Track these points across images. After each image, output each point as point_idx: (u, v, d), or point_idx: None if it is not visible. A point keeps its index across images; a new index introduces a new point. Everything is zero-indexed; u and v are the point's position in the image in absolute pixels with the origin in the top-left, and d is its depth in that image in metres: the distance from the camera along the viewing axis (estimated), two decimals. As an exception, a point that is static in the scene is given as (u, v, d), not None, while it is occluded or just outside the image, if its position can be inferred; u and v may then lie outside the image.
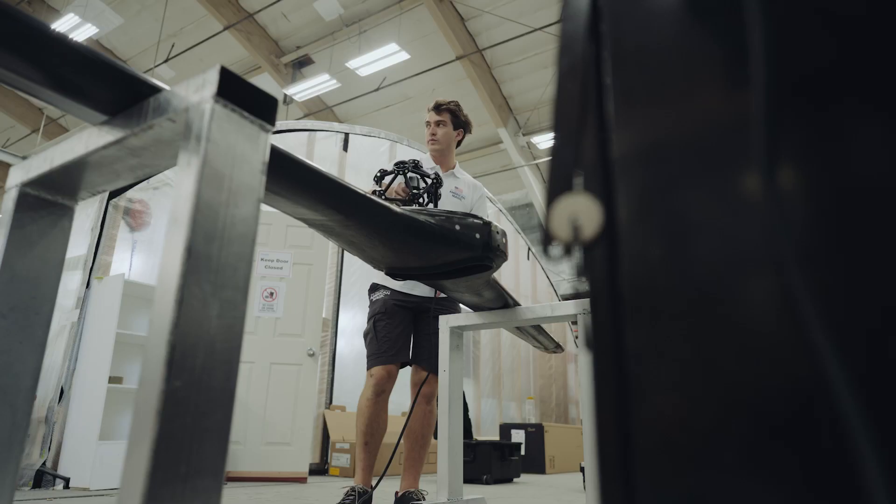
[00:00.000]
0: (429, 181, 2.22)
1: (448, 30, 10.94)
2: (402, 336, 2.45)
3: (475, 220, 1.43)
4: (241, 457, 4.13)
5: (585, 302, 1.53)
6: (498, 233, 1.46)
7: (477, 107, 12.43)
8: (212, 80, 0.76)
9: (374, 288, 2.63)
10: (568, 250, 0.39)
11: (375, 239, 1.35)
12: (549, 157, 0.40)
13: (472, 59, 11.52)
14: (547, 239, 0.39)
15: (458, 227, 1.40)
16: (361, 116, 13.57)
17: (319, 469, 5.05)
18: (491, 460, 4.48)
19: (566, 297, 13.24)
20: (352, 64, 11.42)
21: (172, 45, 12.27)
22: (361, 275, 6.04)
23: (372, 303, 2.59)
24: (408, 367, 2.53)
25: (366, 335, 2.49)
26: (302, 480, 4.18)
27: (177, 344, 0.67)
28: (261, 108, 0.80)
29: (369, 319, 2.53)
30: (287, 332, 4.43)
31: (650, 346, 0.36)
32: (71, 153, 0.93)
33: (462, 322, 2.16)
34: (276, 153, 0.97)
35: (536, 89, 12.03)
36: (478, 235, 1.42)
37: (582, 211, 0.37)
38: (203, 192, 0.72)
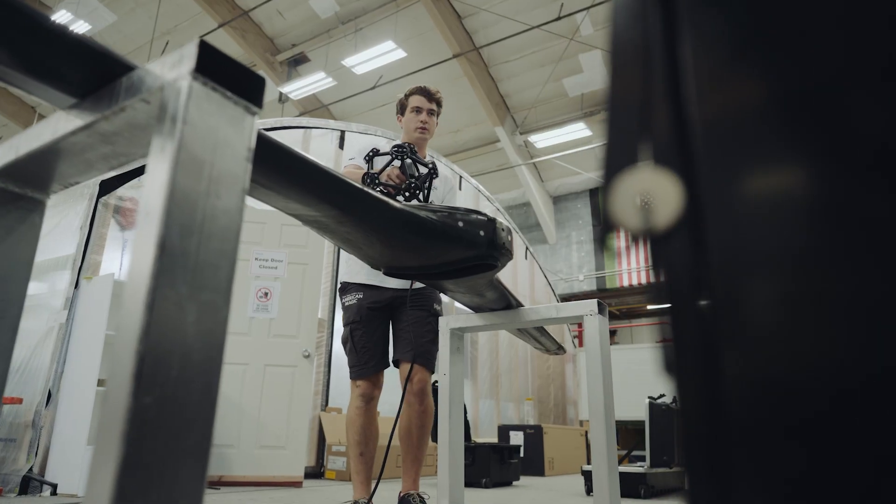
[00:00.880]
0: (424, 170, 2.13)
1: (445, 27, 10.85)
2: (380, 341, 2.38)
3: (479, 217, 1.35)
4: (235, 460, 4.04)
5: (591, 304, 1.44)
6: (503, 230, 1.38)
7: (474, 105, 12.35)
8: (189, 55, 0.68)
9: (345, 289, 2.49)
10: (635, 239, 0.31)
11: (373, 236, 1.27)
12: (607, 132, 0.32)
13: (469, 57, 11.44)
14: (607, 227, 0.31)
15: (461, 224, 1.31)
16: (358, 115, 13.47)
17: (315, 472, 4.96)
18: (490, 463, 4.40)
19: (564, 298, 13.17)
20: (348, 62, 11.33)
21: (167, 43, 12.15)
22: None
23: (345, 308, 2.47)
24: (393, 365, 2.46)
25: (344, 342, 2.41)
26: (297, 485, 4.09)
27: (147, 354, 0.59)
28: (246, 87, 0.72)
29: (345, 325, 2.44)
30: (282, 333, 4.34)
31: (748, 349, 0.30)
32: (38, 140, 0.84)
33: (463, 324, 2.08)
34: (264, 141, 0.89)
35: (533, 88, 11.96)
36: (482, 233, 1.34)
37: (654, 192, 0.29)
38: (179, 180, 0.63)
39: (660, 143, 0.31)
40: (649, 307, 15.19)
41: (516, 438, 6.07)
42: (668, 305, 0.32)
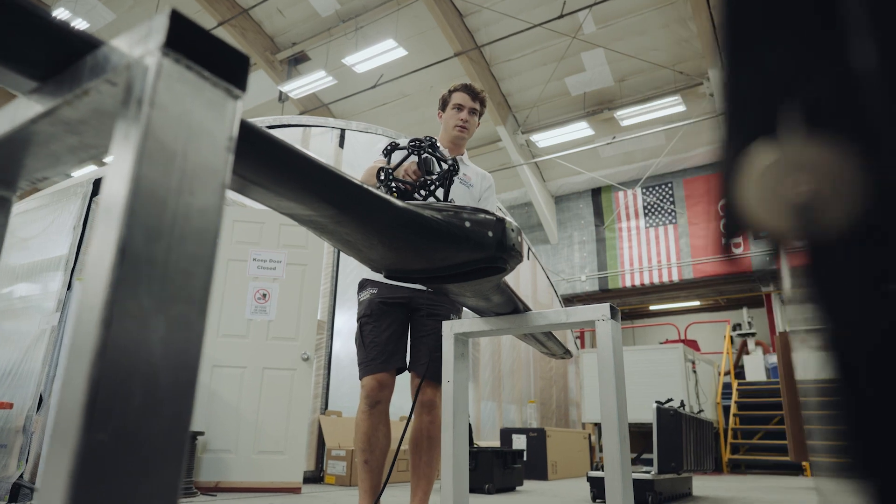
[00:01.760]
0: (444, 166, 2.03)
1: (446, 26, 10.76)
2: (392, 339, 2.22)
3: (487, 216, 1.26)
4: (232, 466, 3.95)
5: (604, 308, 1.32)
6: (513, 230, 1.29)
7: (475, 104, 12.24)
8: (159, 28, 0.59)
9: (362, 286, 2.40)
10: (776, 244, 0.22)
11: (374, 237, 1.18)
12: (727, 89, 0.23)
13: (471, 56, 11.34)
14: (734, 228, 0.22)
15: (468, 224, 1.22)
16: (358, 114, 13.38)
17: (314, 477, 4.87)
18: (493, 468, 4.31)
19: (566, 298, 13.08)
20: (348, 60, 11.23)
21: (166, 42, 12.06)
22: (358, 275, 5.86)
23: (359, 303, 2.37)
24: (407, 371, 2.33)
25: (356, 340, 2.29)
26: (296, 490, 4.00)
27: (102, 380, 0.50)
28: (227, 66, 0.62)
29: (357, 321, 2.33)
30: (280, 336, 4.25)
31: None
32: (-5, 130, 0.75)
33: (467, 328, 1.98)
34: (251, 131, 0.80)
35: (535, 87, 11.87)
36: (490, 233, 1.24)
37: (817, 175, 0.20)
38: (145, 173, 0.54)
39: (823, 100, 0.21)
40: (651, 307, 15.09)
41: (519, 442, 5.97)
42: (842, 343, 0.23)
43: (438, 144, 2.08)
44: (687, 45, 10.77)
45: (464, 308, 2.22)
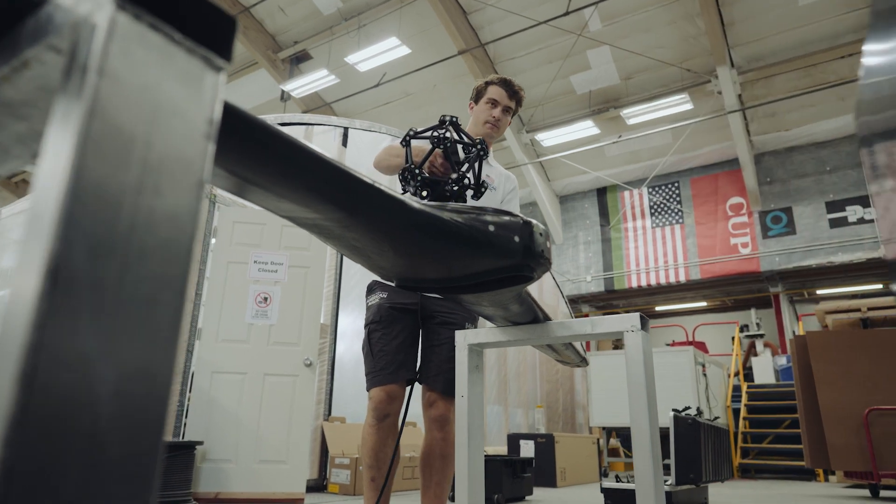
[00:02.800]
0: (472, 151, 1.85)
1: (450, 23, 10.62)
2: (402, 348, 2.05)
3: (512, 219, 1.12)
4: (233, 476, 3.81)
5: (633, 318, 1.13)
6: (541, 234, 1.15)
7: (479, 103, 12.10)
8: (114, -27, 0.44)
9: (371, 289, 2.24)
10: None
11: (385, 243, 1.04)
12: None
13: (475, 54, 11.20)
14: None
15: (491, 228, 1.08)
16: (361, 113, 13.24)
17: (317, 486, 4.73)
18: (502, 478, 4.17)
19: (571, 299, 12.92)
20: (351, 59, 11.10)
21: (166, 41, 11.95)
22: (362, 277, 5.72)
23: (367, 308, 2.21)
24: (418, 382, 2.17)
25: (363, 348, 2.15)
26: (299, 502, 3.86)
27: (22, 453, 0.36)
28: (206, 28, 0.49)
29: (365, 328, 2.17)
30: (282, 341, 4.12)
31: None
32: (-76, 117, 0.61)
33: (483, 339, 1.84)
34: (240, 118, 0.66)
35: (540, 85, 11.72)
36: (517, 238, 1.10)
37: None
38: (90, 166, 0.40)
39: None
40: (658, 308, 14.92)
41: (527, 448, 5.83)
42: None
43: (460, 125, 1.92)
44: (694, 43, 10.61)
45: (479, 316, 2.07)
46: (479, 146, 1.86)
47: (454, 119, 1.90)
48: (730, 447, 4.49)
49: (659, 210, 13.05)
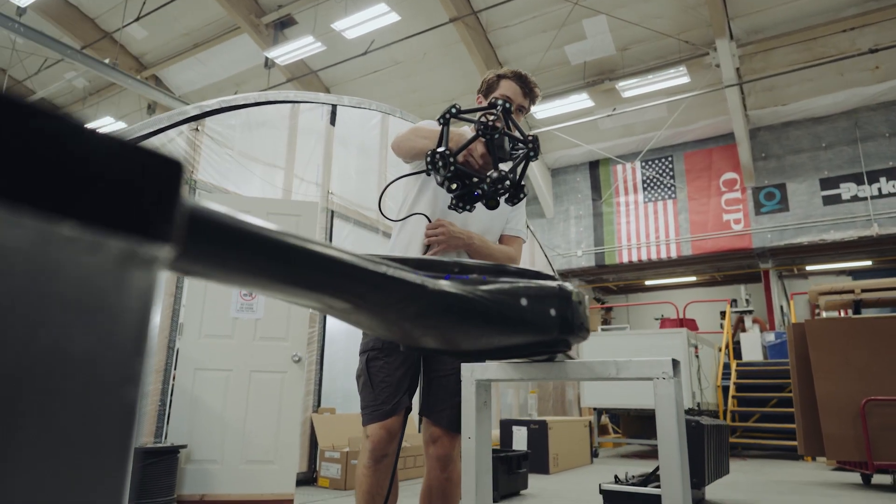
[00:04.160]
0: (521, 149, 1.62)
1: (441, -11, 10.18)
2: (405, 378, 1.83)
3: (548, 286, 0.92)
4: (219, 478, 3.66)
5: (664, 363, 0.86)
6: (580, 302, 0.96)
7: (470, 73, 11.74)
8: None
9: None
10: None
11: (396, 326, 0.84)
12: None
13: (467, 22, 10.79)
14: None
15: (524, 302, 0.89)
16: (349, 82, 12.82)
17: (307, 479, 4.61)
18: (498, 474, 4.07)
19: (561, 273, 12.83)
20: (338, 25, 10.64)
21: (144, 3, 11.36)
22: (351, 263, 5.51)
23: (364, 334, 1.92)
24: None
25: (358, 377, 1.90)
26: (288, 502, 3.73)
27: None
28: (129, 213, 0.26)
29: (361, 354, 1.90)
30: (269, 336, 3.93)
31: None
32: None
33: (492, 374, 1.66)
34: (212, 225, 0.46)
35: (534, 54, 11.36)
36: (553, 311, 0.91)
37: None
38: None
39: None
40: (647, 282, 14.90)
41: (520, 434, 5.76)
42: None
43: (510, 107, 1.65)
44: (693, 13, 10.28)
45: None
46: (531, 144, 1.62)
47: (508, 106, 1.64)
48: (728, 441, 4.43)
49: (652, 185, 12.88)
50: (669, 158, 12.79)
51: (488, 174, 1.61)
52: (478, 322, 0.86)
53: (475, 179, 1.65)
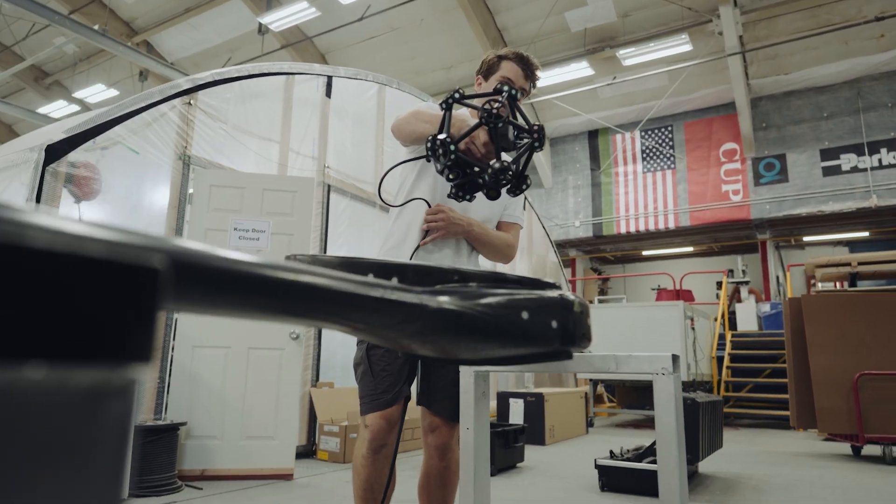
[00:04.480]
0: (524, 139, 1.57)
1: (439, -47, 9.91)
2: (405, 366, 1.81)
3: (550, 298, 0.90)
4: (219, 453, 3.70)
5: (664, 359, 0.86)
6: (582, 312, 0.93)
7: (469, 40, 11.52)
8: None
9: None
10: None
11: (394, 342, 0.82)
12: None
13: (465, -13, 10.53)
14: None
15: (525, 316, 0.86)
16: (344, 48, 12.57)
17: (307, 452, 4.67)
18: (495, 448, 4.12)
19: (559, 244, 12.82)
20: (333, -10, 10.39)
21: (132, -34, 11.04)
22: (347, 239, 5.49)
23: None
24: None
25: (356, 365, 1.87)
26: (287, 477, 3.78)
27: None
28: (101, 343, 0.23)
29: (360, 343, 1.87)
30: (266, 313, 3.92)
31: None
32: None
33: (490, 366, 1.66)
34: (204, 270, 0.43)
35: (534, 21, 11.13)
36: (555, 323, 0.89)
37: None
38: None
39: None
40: (643, 253, 14.93)
41: (516, 407, 5.82)
42: None
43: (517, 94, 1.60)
44: (697, -22, 10.05)
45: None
46: (536, 134, 1.57)
47: (514, 92, 1.58)
48: (723, 415, 4.48)
49: (651, 155, 12.78)
50: (669, 128, 12.66)
51: (490, 164, 1.57)
52: (478, 337, 0.85)
53: (476, 169, 1.61)
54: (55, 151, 3.23)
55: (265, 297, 0.59)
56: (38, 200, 3.20)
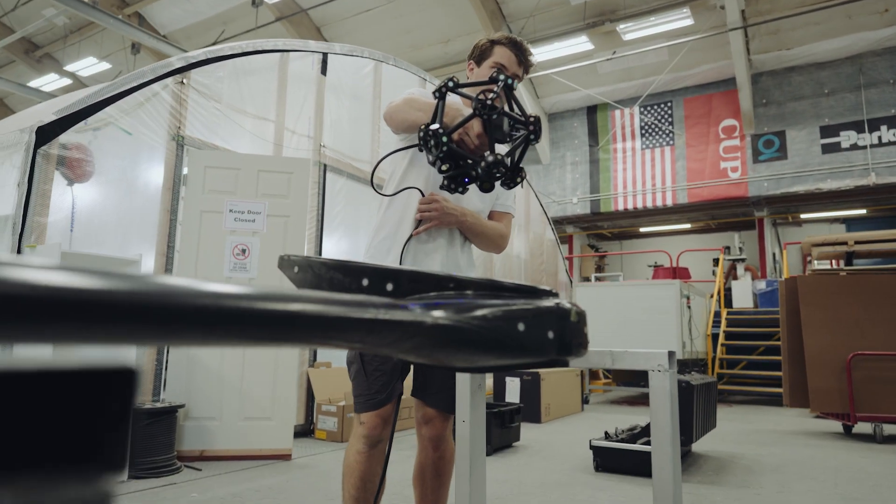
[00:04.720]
0: (520, 131, 1.54)
1: (436, -78, 9.67)
2: (398, 365, 1.78)
3: (545, 307, 0.89)
4: (217, 434, 3.74)
5: (660, 355, 0.87)
6: (578, 320, 0.92)
7: (466, 14, 11.32)
8: None
9: None
10: None
11: (391, 355, 0.82)
12: None
13: (463, -42, 10.31)
14: None
15: (521, 327, 0.86)
16: (340, 21, 12.35)
17: (304, 431, 4.72)
18: (491, 428, 4.16)
19: (556, 221, 12.79)
20: (328, -39, 10.16)
21: (122, -66, 10.76)
22: (342, 221, 5.46)
23: None
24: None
25: (349, 363, 1.84)
26: (286, 457, 3.82)
27: None
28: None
29: None
30: (263, 295, 3.91)
31: None
32: None
33: (488, 372, 1.65)
34: (195, 309, 0.42)
35: (533, -6, 10.93)
36: (551, 334, 0.88)
37: None
38: None
39: None
40: (642, 230, 14.92)
41: (512, 386, 5.87)
42: None
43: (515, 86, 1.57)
44: (700, -49, 9.85)
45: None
46: (531, 126, 1.54)
47: (510, 82, 1.55)
48: (717, 395, 4.52)
49: (650, 131, 12.69)
50: (669, 104, 12.55)
51: (484, 156, 1.54)
52: (474, 350, 0.84)
53: (469, 161, 1.58)
54: (46, 133, 3.18)
55: (259, 328, 0.58)
56: (30, 183, 3.16)
